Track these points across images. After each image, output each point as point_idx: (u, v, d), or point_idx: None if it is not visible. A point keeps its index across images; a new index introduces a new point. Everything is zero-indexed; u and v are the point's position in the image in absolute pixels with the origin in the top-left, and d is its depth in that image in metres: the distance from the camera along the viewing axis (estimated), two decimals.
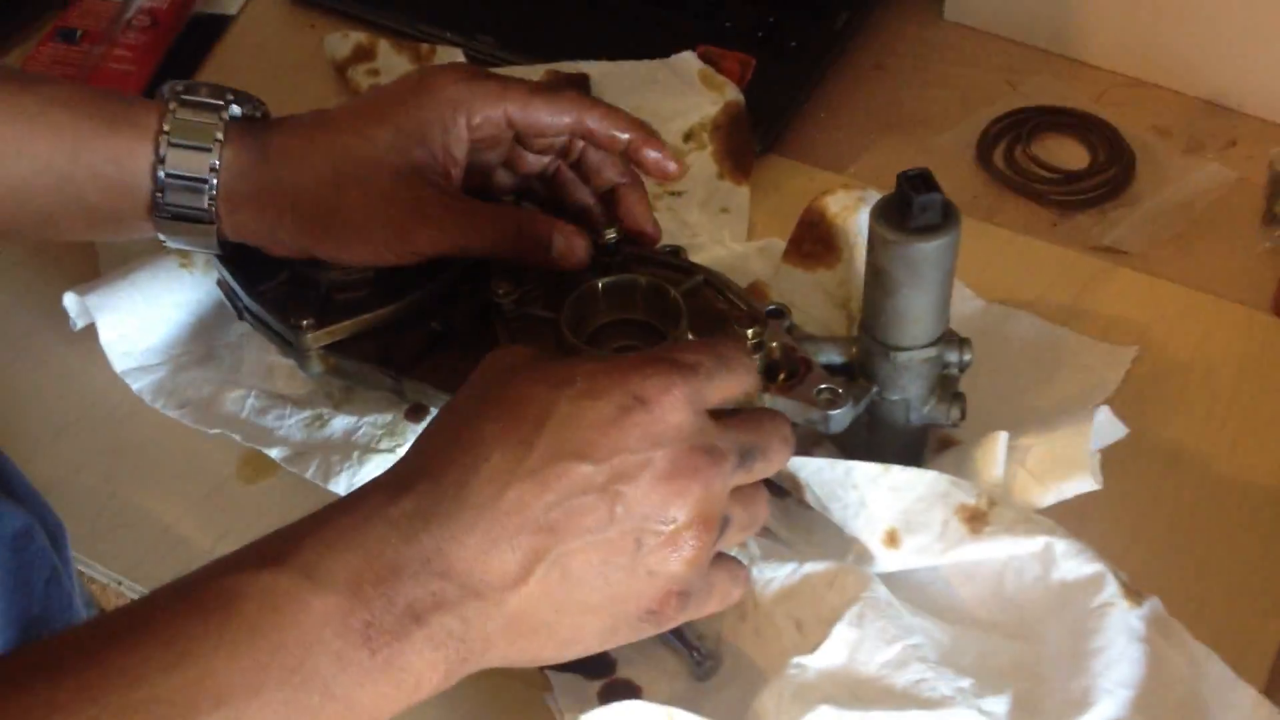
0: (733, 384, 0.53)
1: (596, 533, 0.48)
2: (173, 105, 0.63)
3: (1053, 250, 0.80)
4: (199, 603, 0.45)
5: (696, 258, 0.77)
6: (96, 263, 0.77)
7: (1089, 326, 0.75)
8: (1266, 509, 0.67)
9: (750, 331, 0.62)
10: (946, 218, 0.58)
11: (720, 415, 0.53)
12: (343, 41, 0.91)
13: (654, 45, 0.88)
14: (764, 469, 0.54)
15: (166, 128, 0.62)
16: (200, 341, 0.74)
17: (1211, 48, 0.86)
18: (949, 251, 0.59)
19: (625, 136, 0.67)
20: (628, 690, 0.60)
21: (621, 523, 0.49)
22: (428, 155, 0.63)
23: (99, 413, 0.72)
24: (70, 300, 0.72)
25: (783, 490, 0.64)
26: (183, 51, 0.93)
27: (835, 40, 0.90)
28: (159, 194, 0.63)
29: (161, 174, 0.62)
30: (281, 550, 0.46)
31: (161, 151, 0.62)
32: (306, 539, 0.46)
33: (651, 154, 0.67)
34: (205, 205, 0.63)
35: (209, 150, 0.62)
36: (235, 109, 0.64)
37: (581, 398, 0.49)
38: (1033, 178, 0.84)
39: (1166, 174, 0.84)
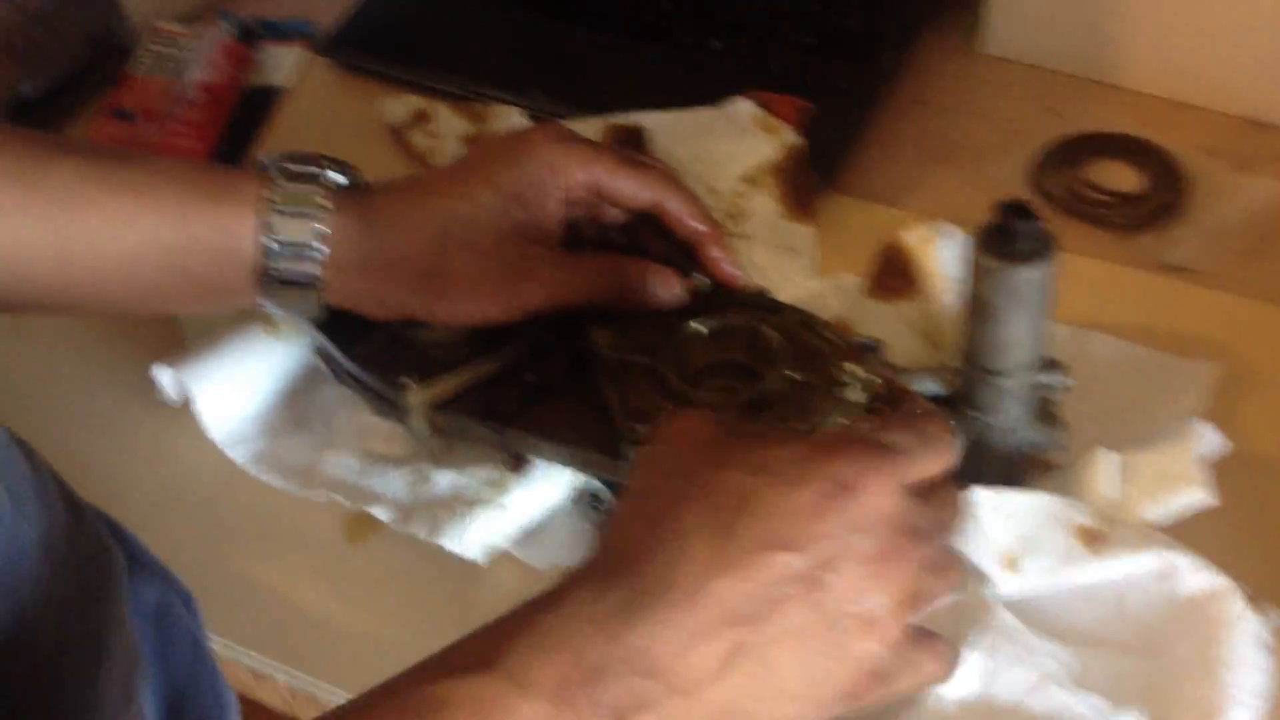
0: (936, 463, 0.53)
1: (796, 619, 0.48)
2: (275, 174, 0.64)
3: (1122, 271, 0.81)
4: (409, 710, 0.45)
5: None
6: (176, 334, 0.78)
7: (1168, 346, 0.76)
8: None
9: (852, 366, 0.62)
10: (1047, 244, 0.59)
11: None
12: (399, 106, 0.92)
13: (703, 93, 0.89)
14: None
15: (273, 196, 0.63)
16: (292, 408, 0.74)
17: (1250, 67, 0.88)
18: (1050, 277, 0.60)
19: (697, 227, 0.69)
20: None
21: (822, 608, 0.48)
22: (527, 214, 0.65)
23: (197, 485, 0.73)
24: (162, 373, 0.73)
25: None
26: (240, 125, 0.94)
27: (880, 79, 0.92)
28: (266, 261, 0.64)
29: (272, 243, 0.63)
30: (487, 654, 0.46)
31: (268, 219, 0.63)
32: (512, 641, 0.46)
33: (715, 253, 0.69)
34: (312, 271, 0.64)
35: (314, 216, 0.64)
36: (336, 176, 0.65)
37: (784, 485, 0.48)
38: (1091, 202, 0.86)
39: (1221, 192, 0.86)
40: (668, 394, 0.64)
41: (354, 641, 0.66)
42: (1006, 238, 0.58)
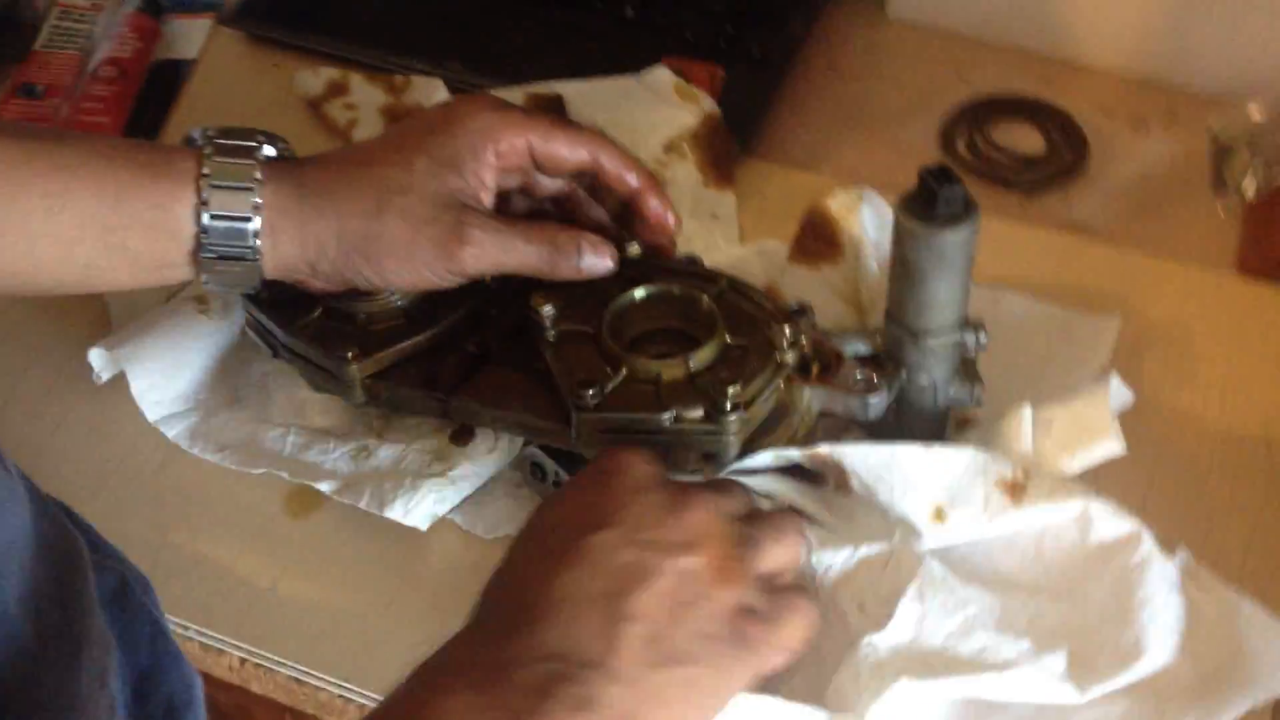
0: (782, 556, 0.62)
1: (649, 582, 0.55)
2: (208, 149, 0.64)
3: (1026, 231, 0.84)
4: None
5: None
6: (101, 314, 0.78)
7: (1073, 301, 0.79)
8: (1264, 458, 0.72)
9: (786, 328, 0.65)
10: (968, 208, 0.62)
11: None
12: (314, 78, 0.91)
13: (620, 61, 0.90)
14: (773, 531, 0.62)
15: (206, 170, 0.63)
16: (225, 384, 0.74)
17: (1141, 28, 0.92)
18: (971, 239, 0.62)
19: (634, 183, 0.70)
20: None
21: (664, 567, 0.55)
22: (461, 181, 0.66)
23: (135, 464, 0.73)
24: (96, 355, 0.72)
25: (820, 477, 0.68)
26: (149, 99, 0.93)
27: (792, 45, 0.94)
28: (204, 236, 0.64)
29: (205, 216, 0.63)
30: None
31: (204, 195, 0.63)
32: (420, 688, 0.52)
33: (655, 205, 0.71)
34: (249, 243, 0.64)
35: (250, 189, 0.64)
36: (268, 149, 0.65)
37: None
38: (996, 164, 0.89)
39: (1118, 152, 0.89)
40: (607, 360, 0.65)
41: (302, 613, 0.67)
42: (929, 202, 0.61)
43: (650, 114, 0.88)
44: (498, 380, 0.67)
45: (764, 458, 0.66)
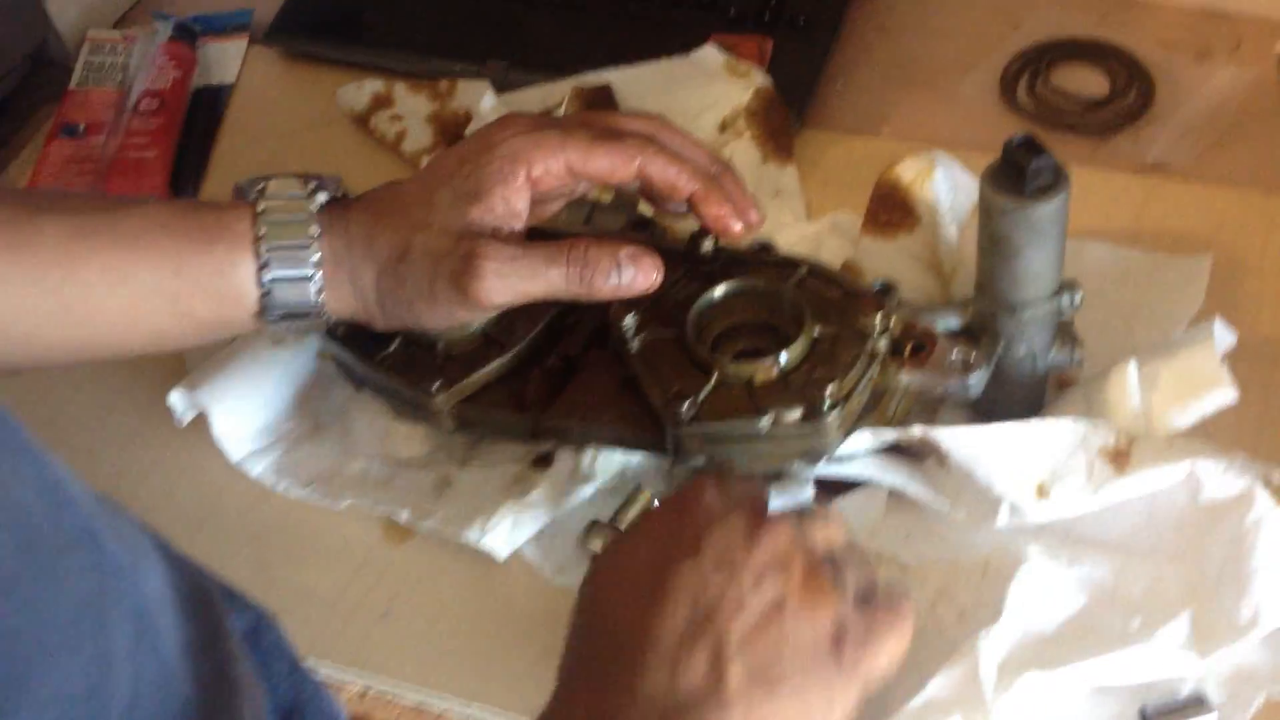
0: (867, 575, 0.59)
1: (743, 610, 0.53)
2: (261, 205, 0.63)
3: (1101, 176, 0.82)
4: None
5: None
6: (179, 355, 0.77)
7: (1157, 244, 0.77)
8: None
9: (877, 315, 0.63)
10: (1058, 177, 0.60)
11: None
12: (358, 93, 0.90)
13: (666, 43, 0.88)
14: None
15: (261, 231, 0.62)
16: (306, 413, 0.74)
17: None
18: (1064, 207, 0.60)
19: (688, 187, 0.65)
20: None
21: (754, 592, 0.53)
22: (485, 210, 0.63)
23: (228, 504, 0.72)
24: (177, 397, 0.72)
25: (919, 453, 0.66)
26: (193, 128, 0.92)
27: (838, 9, 0.91)
28: (266, 297, 0.63)
29: (267, 278, 0.62)
30: None
31: (263, 257, 0.62)
32: None
33: (714, 211, 0.66)
34: (311, 299, 0.63)
35: (307, 246, 0.63)
36: (320, 195, 0.64)
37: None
38: (1061, 110, 0.86)
39: (1185, 85, 0.87)
40: (696, 365, 0.64)
41: (418, 639, 0.67)
42: (1018, 175, 0.59)
43: (702, 94, 0.86)
44: (586, 393, 0.66)
45: (860, 440, 0.65)
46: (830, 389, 0.61)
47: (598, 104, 0.86)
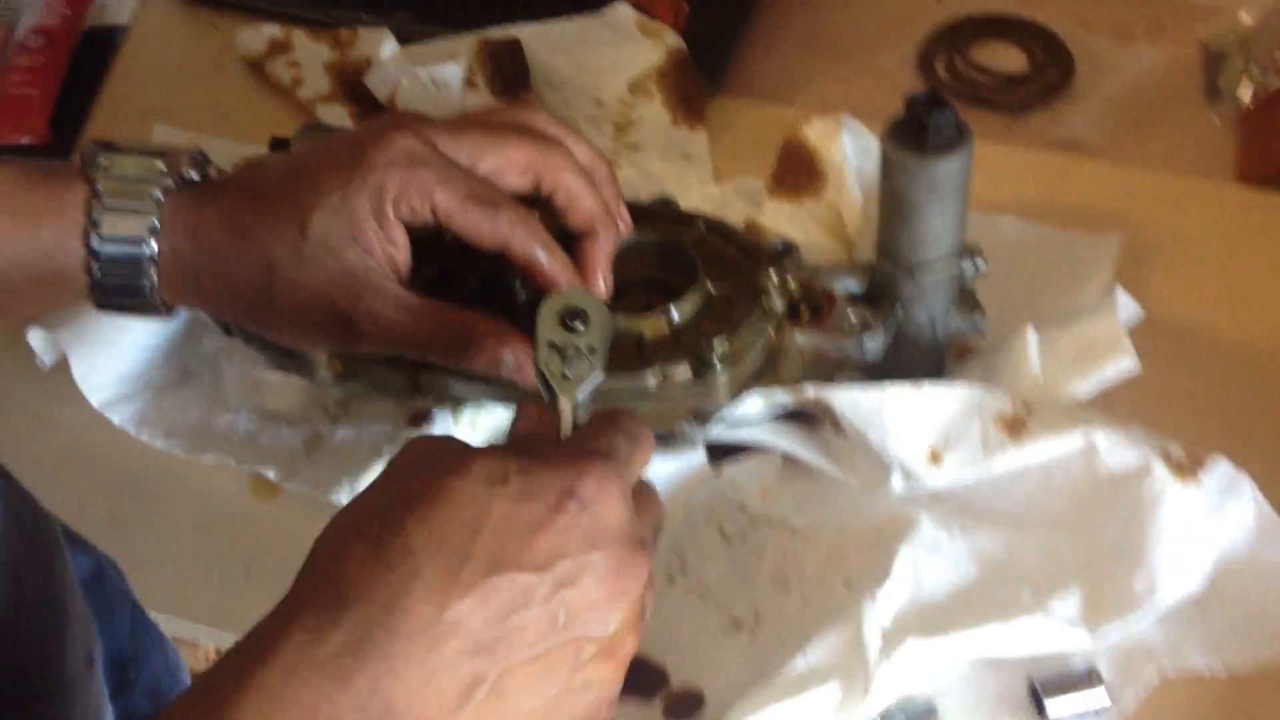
0: (642, 460, 0.50)
1: (537, 646, 0.44)
2: (100, 184, 0.58)
3: (1016, 152, 0.80)
4: None
5: None
6: None
7: (1068, 221, 0.76)
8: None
9: (772, 272, 0.61)
10: (961, 133, 0.58)
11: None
12: (255, 37, 0.86)
13: (580, 0, 0.86)
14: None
15: (95, 216, 0.58)
16: (175, 362, 0.70)
17: None
18: (967, 166, 0.58)
19: (546, 269, 0.59)
20: (692, 700, 0.59)
21: (563, 632, 0.44)
22: (360, 253, 0.58)
23: (87, 451, 0.68)
24: (35, 336, 0.68)
25: (814, 418, 0.64)
26: (82, 67, 0.88)
27: None
28: (96, 285, 0.58)
29: (96, 270, 0.58)
30: None
31: (93, 245, 0.58)
32: (233, 709, 0.41)
33: (593, 266, 0.61)
34: (146, 293, 0.59)
35: (142, 240, 0.58)
36: (168, 182, 0.59)
37: (516, 499, 0.44)
38: (979, 86, 0.85)
39: (1104, 65, 0.85)
40: None
41: (276, 599, 0.63)
42: (920, 131, 0.57)
43: (613, 53, 0.83)
44: None
45: (751, 404, 0.62)
46: (719, 344, 0.59)
47: (504, 60, 0.83)
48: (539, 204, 0.61)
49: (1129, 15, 0.88)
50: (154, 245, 0.58)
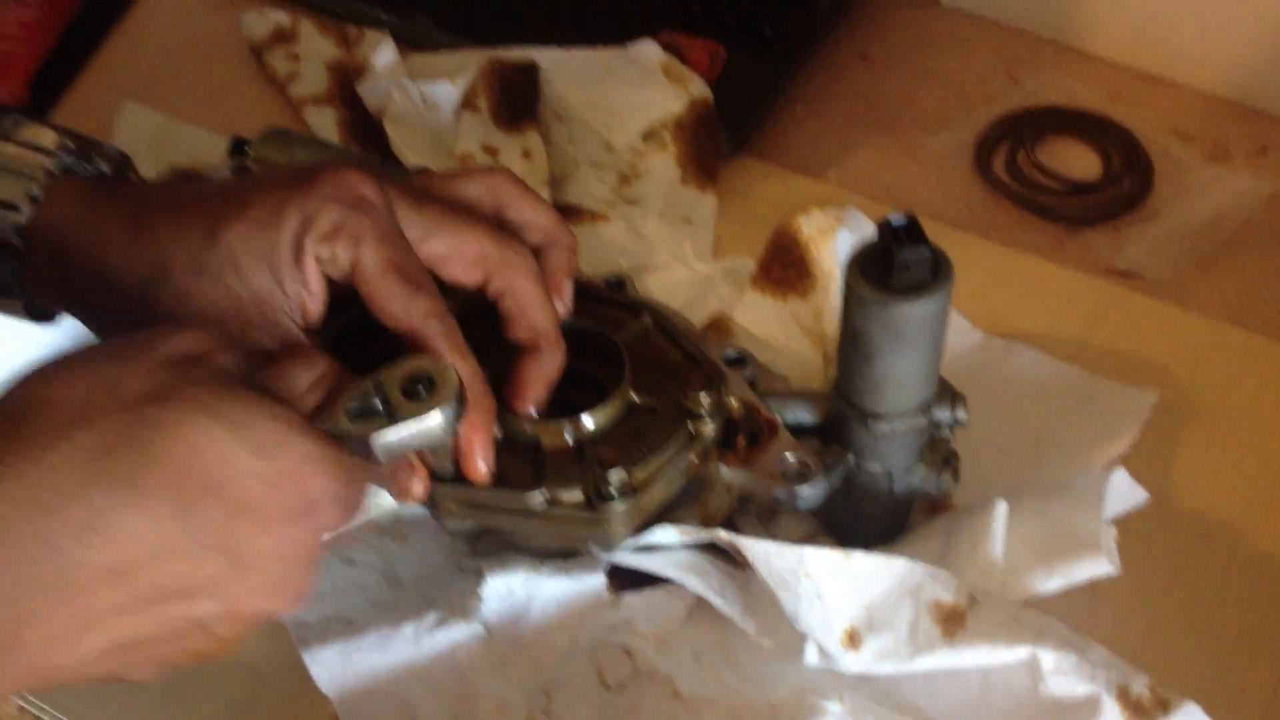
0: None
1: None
2: None
3: (1061, 273, 0.70)
4: None
5: (653, 279, 0.68)
6: None
7: (1103, 364, 0.66)
8: None
9: (703, 396, 0.52)
10: (936, 274, 0.48)
11: None
12: (260, 20, 0.80)
13: (612, 30, 0.78)
14: None
15: None
16: None
17: (1238, 40, 0.76)
18: (939, 314, 0.49)
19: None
20: None
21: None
22: (270, 281, 0.50)
23: None
24: None
25: (744, 564, 0.55)
26: (81, 30, 0.82)
27: (816, 27, 0.80)
28: None
29: None
30: None
31: None
32: None
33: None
34: (7, 278, 0.53)
35: (16, 206, 0.52)
36: (66, 159, 0.53)
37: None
38: (1038, 188, 0.75)
39: (1189, 185, 0.74)
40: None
41: None
42: (888, 264, 0.47)
43: (632, 95, 0.75)
44: None
45: (662, 535, 0.54)
46: (616, 475, 0.50)
47: (516, 83, 0.75)
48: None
49: (1231, 131, 0.77)
50: (26, 212, 0.52)
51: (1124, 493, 0.56)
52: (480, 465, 0.51)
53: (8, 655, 0.41)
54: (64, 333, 0.60)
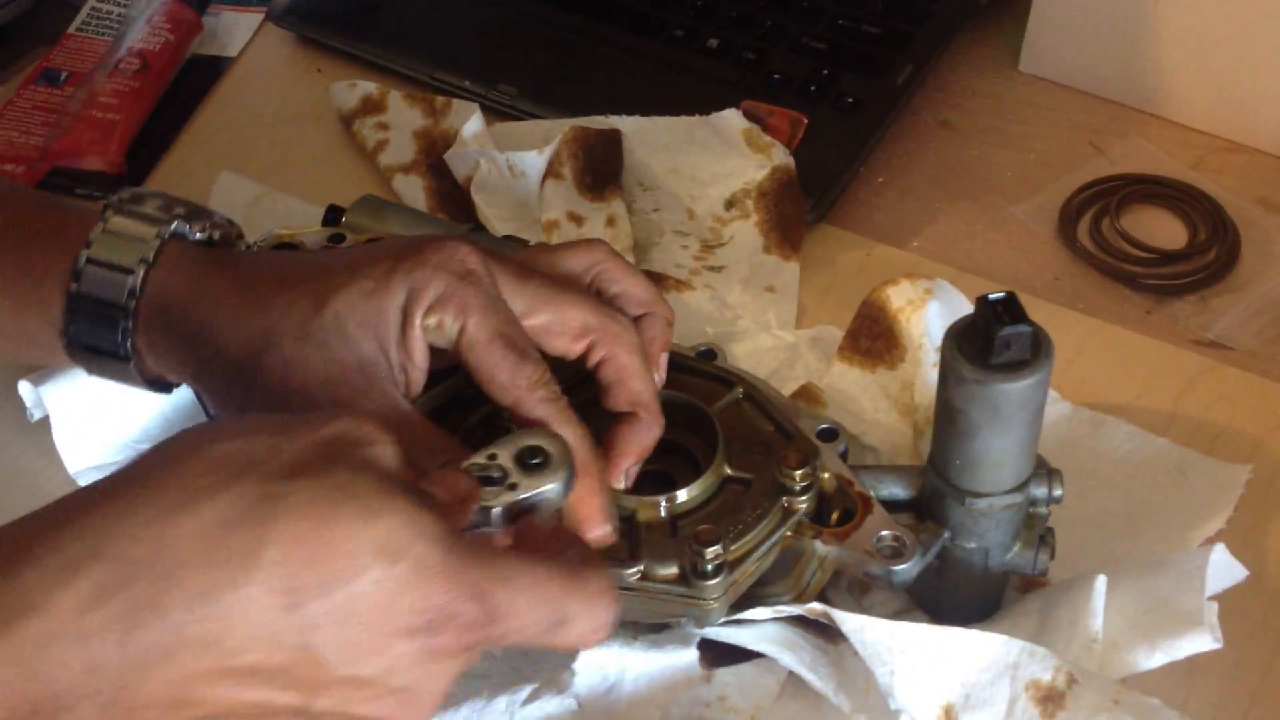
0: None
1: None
2: (109, 214, 0.54)
3: (1148, 344, 0.70)
4: None
5: (739, 347, 0.68)
6: None
7: (1193, 437, 0.65)
8: None
9: (798, 473, 0.52)
10: (1037, 352, 0.48)
11: None
12: (349, 91, 0.82)
13: (694, 98, 0.79)
14: None
15: (90, 236, 0.54)
16: (166, 434, 0.65)
17: None
18: (1039, 392, 0.49)
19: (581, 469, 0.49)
20: None
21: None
22: (377, 349, 0.51)
23: None
24: (25, 389, 0.64)
25: (834, 634, 0.55)
26: (177, 97, 0.84)
27: (897, 96, 0.80)
28: (71, 302, 0.54)
29: (73, 288, 0.53)
30: None
31: (78, 265, 0.53)
32: None
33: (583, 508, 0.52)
34: (118, 336, 0.54)
35: (130, 271, 0.53)
36: (184, 228, 0.55)
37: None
38: (1123, 257, 0.74)
39: (1275, 255, 0.74)
40: None
41: None
42: (987, 342, 0.47)
43: (714, 164, 0.76)
44: None
45: (759, 613, 0.54)
46: (712, 553, 0.50)
47: (598, 151, 0.76)
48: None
49: None
50: (139, 276, 0.53)
51: (1223, 568, 0.55)
52: (605, 526, 0.50)
53: (104, 715, 0.40)
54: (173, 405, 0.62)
